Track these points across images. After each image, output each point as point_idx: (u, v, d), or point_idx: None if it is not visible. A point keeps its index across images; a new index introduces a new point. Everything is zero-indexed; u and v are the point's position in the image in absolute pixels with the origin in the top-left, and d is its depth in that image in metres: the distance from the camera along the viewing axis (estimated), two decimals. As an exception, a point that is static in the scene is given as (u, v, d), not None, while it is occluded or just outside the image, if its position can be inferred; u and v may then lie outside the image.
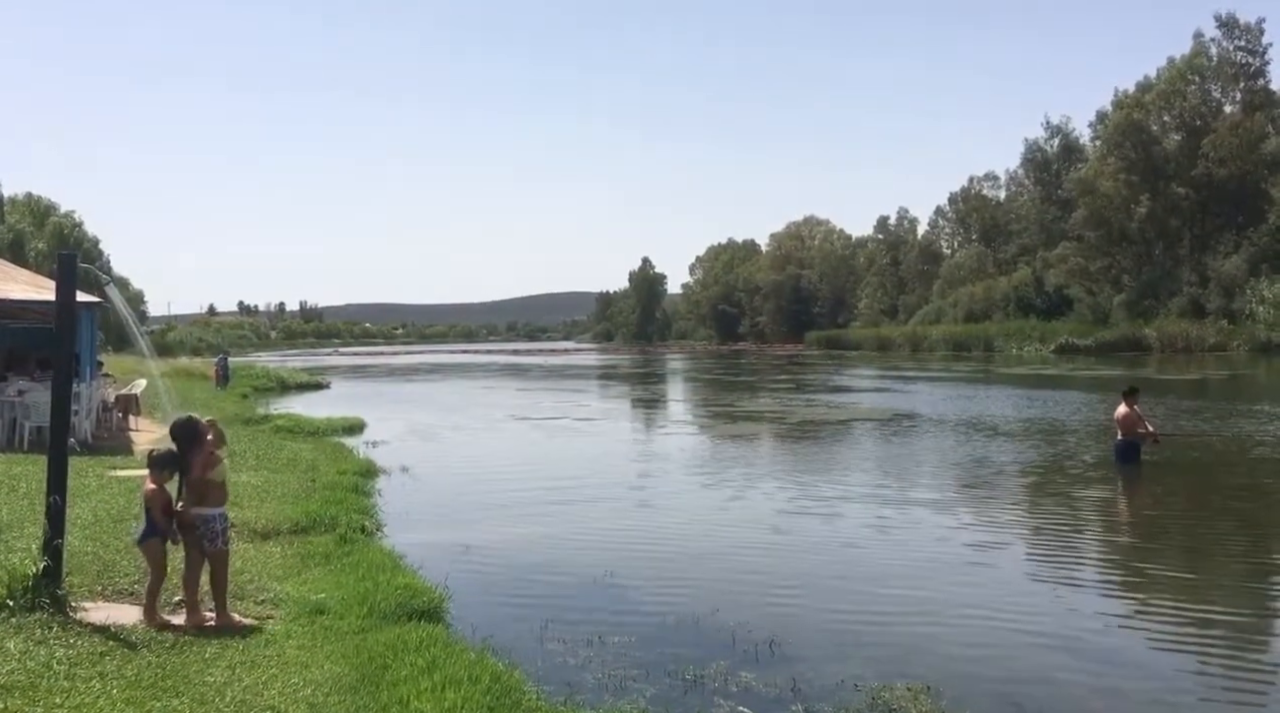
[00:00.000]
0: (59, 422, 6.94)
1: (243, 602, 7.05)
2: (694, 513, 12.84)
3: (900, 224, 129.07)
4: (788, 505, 13.25)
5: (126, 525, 9.00)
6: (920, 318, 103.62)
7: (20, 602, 6.17)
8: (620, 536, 11.34)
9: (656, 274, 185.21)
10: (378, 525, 11.00)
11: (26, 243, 60.45)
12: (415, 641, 6.26)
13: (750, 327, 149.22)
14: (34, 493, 10.23)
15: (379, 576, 7.96)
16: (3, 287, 17.26)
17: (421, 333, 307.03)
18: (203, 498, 6.54)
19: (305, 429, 21.18)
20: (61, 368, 7.25)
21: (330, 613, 6.91)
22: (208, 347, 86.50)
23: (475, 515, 12.53)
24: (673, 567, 9.94)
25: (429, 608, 7.33)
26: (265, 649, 6.00)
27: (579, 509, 13.07)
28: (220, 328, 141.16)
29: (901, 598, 8.69)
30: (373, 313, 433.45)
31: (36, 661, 5.39)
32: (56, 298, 7.10)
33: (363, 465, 15.54)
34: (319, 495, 11.99)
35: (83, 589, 6.92)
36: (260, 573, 8.03)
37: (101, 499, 10.59)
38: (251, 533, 9.53)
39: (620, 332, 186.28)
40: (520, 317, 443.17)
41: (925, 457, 18.49)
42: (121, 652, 5.71)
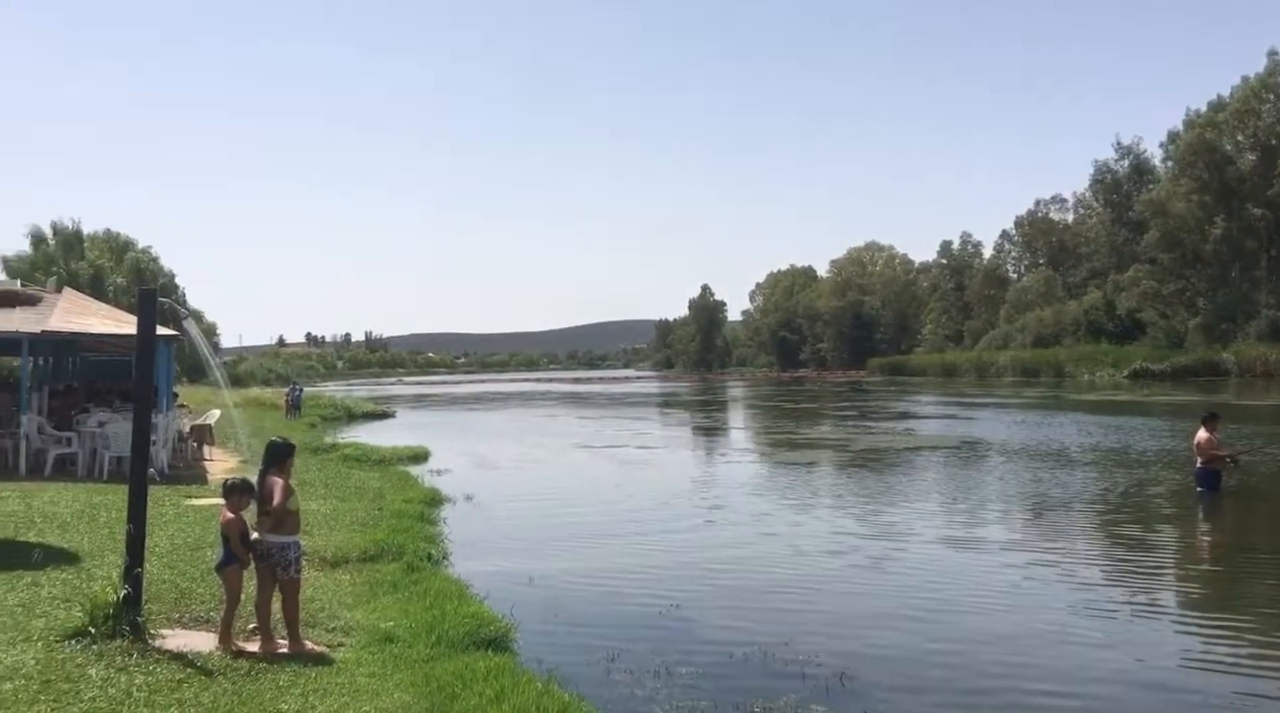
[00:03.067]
0: (139, 452, 7.12)
1: (314, 629, 7.14)
2: (758, 543, 12.71)
3: (964, 248, 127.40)
4: (853, 535, 13.06)
5: (202, 554, 9.20)
6: (987, 343, 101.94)
7: (102, 629, 6.32)
8: (685, 566, 11.26)
9: (716, 301, 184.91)
10: (444, 554, 11.09)
11: (106, 278, 62.38)
12: (483, 670, 6.27)
13: (811, 353, 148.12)
14: (114, 522, 10.51)
15: (446, 604, 8.00)
16: (84, 321, 17.82)
17: (483, 362, 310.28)
18: (278, 526, 6.65)
19: (372, 458, 21.48)
20: (142, 400, 7.45)
21: (399, 641, 6.96)
22: (277, 377, 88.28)
23: (539, 544, 12.55)
24: (739, 598, 9.84)
25: (496, 637, 7.35)
26: (337, 677, 6.06)
27: (643, 539, 13.02)
28: (289, 358, 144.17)
29: (974, 630, 8.50)
30: (435, 342, 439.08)
31: (118, 688, 5.51)
32: (137, 332, 7.31)
33: (428, 494, 15.68)
34: (386, 524, 12.11)
35: (161, 617, 7.06)
36: (331, 600, 8.12)
37: (178, 528, 10.82)
38: (322, 561, 9.66)
39: (680, 359, 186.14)
40: (580, 345, 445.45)
41: (995, 485, 18.11)
42: (199, 679, 5.81)
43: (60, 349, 25.73)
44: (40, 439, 16.27)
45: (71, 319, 17.46)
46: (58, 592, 7.54)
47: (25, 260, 62.09)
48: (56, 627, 6.51)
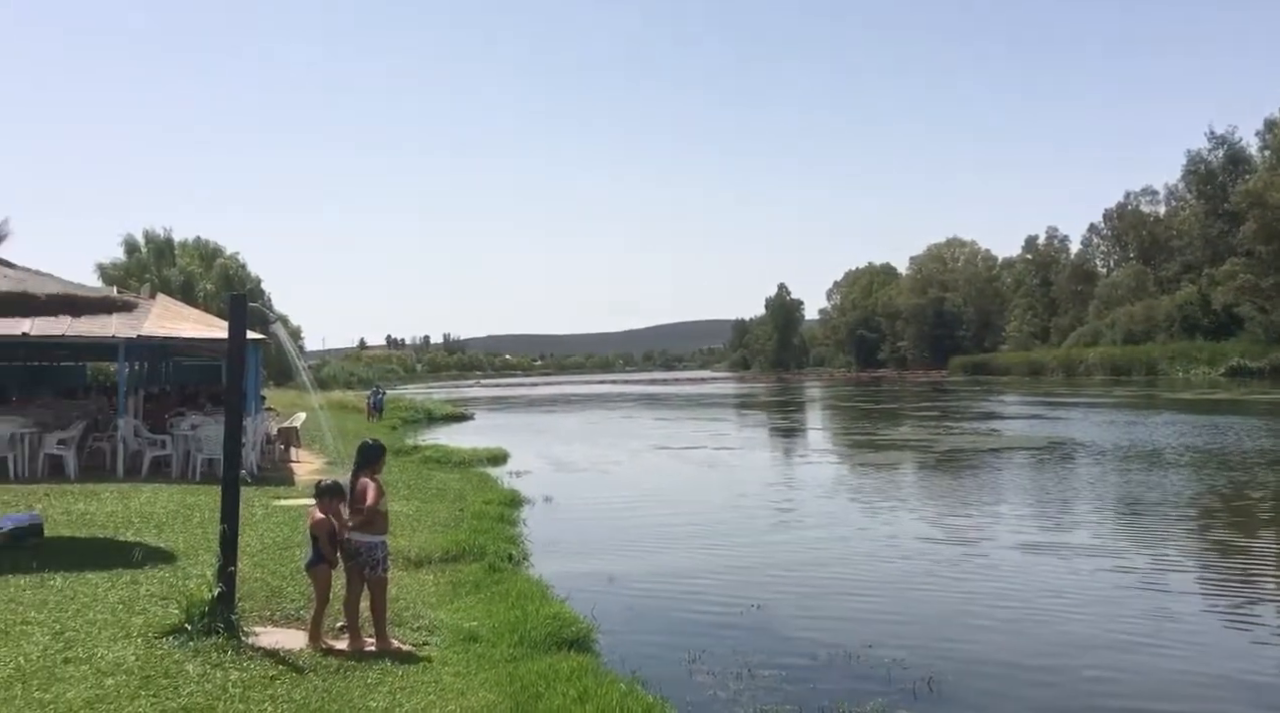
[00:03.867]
0: (231, 454, 7.31)
1: (400, 628, 7.24)
2: (840, 544, 12.54)
3: (1050, 243, 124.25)
4: (937, 537, 12.82)
5: (291, 553, 9.41)
6: (1075, 341, 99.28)
7: (198, 626, 6.49)
8: (765, 567, 11.17)
9: (793, 301, 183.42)
10: (524, 554, 11.17)
11: (196, 284, 64.38)
12: (566, 670, 6.29)
13: (891, 353, 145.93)
14: (207, 521, 10.82)
15: (528, 604, 8.05)
16: (176, 326, 18.41)
17: (560, 363, 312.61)
18: (367, 525, 6.75)
19: (452, 459, 21.77)
20: (233, 403, 7.64)
21: (483, 641, 7.02)
22: (359, 380, 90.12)
23: (619, 545, 12.57)
24: (822, 599, 9.72)
25: (578, 638, 7.37)
26: (423, 675, 6.14)
27: (722, 540, 12.95)
28: (370, 361, 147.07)
29: (1064, 637, 8.26)
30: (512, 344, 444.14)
31: (214, 683, 5.66)
32: (229, 336, 7.49)
33: (507, 495, 15.82)
34: (467, 524, 12.25)
35: (253, 614, 7.23)
36: (415, 600, 8.24)
37: (267, 527, 11.08)
38: (405, 561, 9.80)
39: (757, 359, 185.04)
40: (656, 345, 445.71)
41: (1085, 486, 17.60)
42: (290, 676, 5.93)
43: (154, 354, 26.65)
44: (136, 441, 16.82)
45: (165, 325, 18.05)
46: (156, 589, 7.78)
47: (120, 268, 64.42)
48: (155, 624, 6.72)
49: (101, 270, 64.15)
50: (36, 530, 9.87)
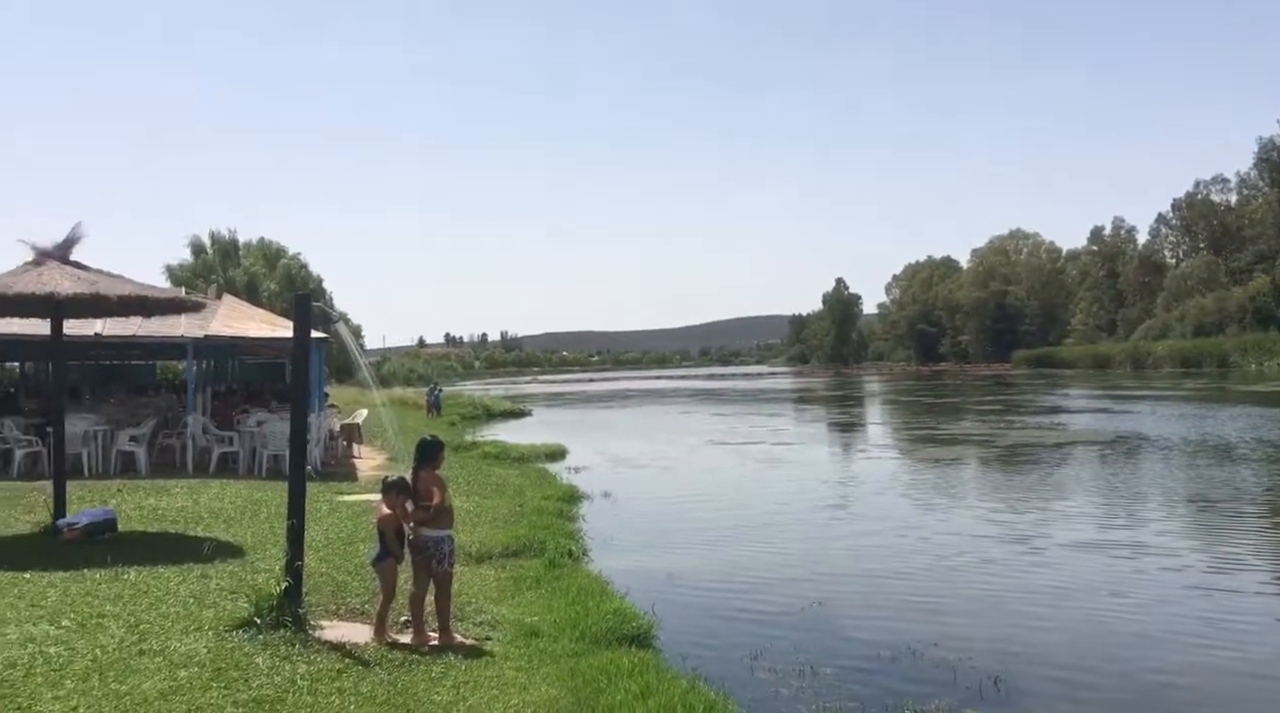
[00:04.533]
0: (297, 450, 7.43)
1: (463, 623, 7.30)
2: (901, 541, 12.39)
3: (1117, 234, 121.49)
4: (1001, 534, 12.60)
5: (355, 548, 9.55)
6: (1143, 333, 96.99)
7: (266, 620, 6.61)
8: (826, 563, 11.08)
9: (851, 295, 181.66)
10: (583, 550, 11.21)
11: (260, 284, 65.57)
12: (628, 666, 6.29)
13: (952, 347, 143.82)
14: (274, 517, 11.03)
15: (588, 600, 8.07)
16: (242, 326, 18.81)
17: (616, 359, 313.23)
18: (433, 520, 6.83)
19: (510, 455, 21.95)
20: (299, 400, 7.77)
21: (544, 636, 7.05)
22: (418, 377, 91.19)
23: (678, 541, 12.56)
24: (883, 596, 9.61)
25: (639, 633, 7.37)
26: (486, 670, 6.18)
27: (782, 535, 12.87)
28: (429, 359, 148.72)
29: (1132, 636, 8.07)
30: (569, 341, 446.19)
31: (283, 676, 5.76)
32: (294, 335, 7.61)
33: (566, 491, 15.89)
34: (527, 520, 12.32)
35: (319, 608, 7.35)
36: (477, 595, 8.31)
37: (332, 523, 11.26)
38: (466, 556, 9.87)
39: (815, 355, 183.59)
40: (713, 341, 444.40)
41: (1154, 482, 17.18)
42: (357, 669, 6.01)
43: (221, 353, 27.24)
44: (205, 438, 17.21)
45: (231, 324, 18.45)
46: (225, 584, 7.94)
47: (187, 269, 65.92)
48: (225, 617, 6.86)
49: (169, 271, 65.66)
50: (111, 526, 10.15)
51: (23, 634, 6.33)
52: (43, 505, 10.88)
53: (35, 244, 10.18)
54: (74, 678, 5.54)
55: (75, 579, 7.98)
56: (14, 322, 13.49)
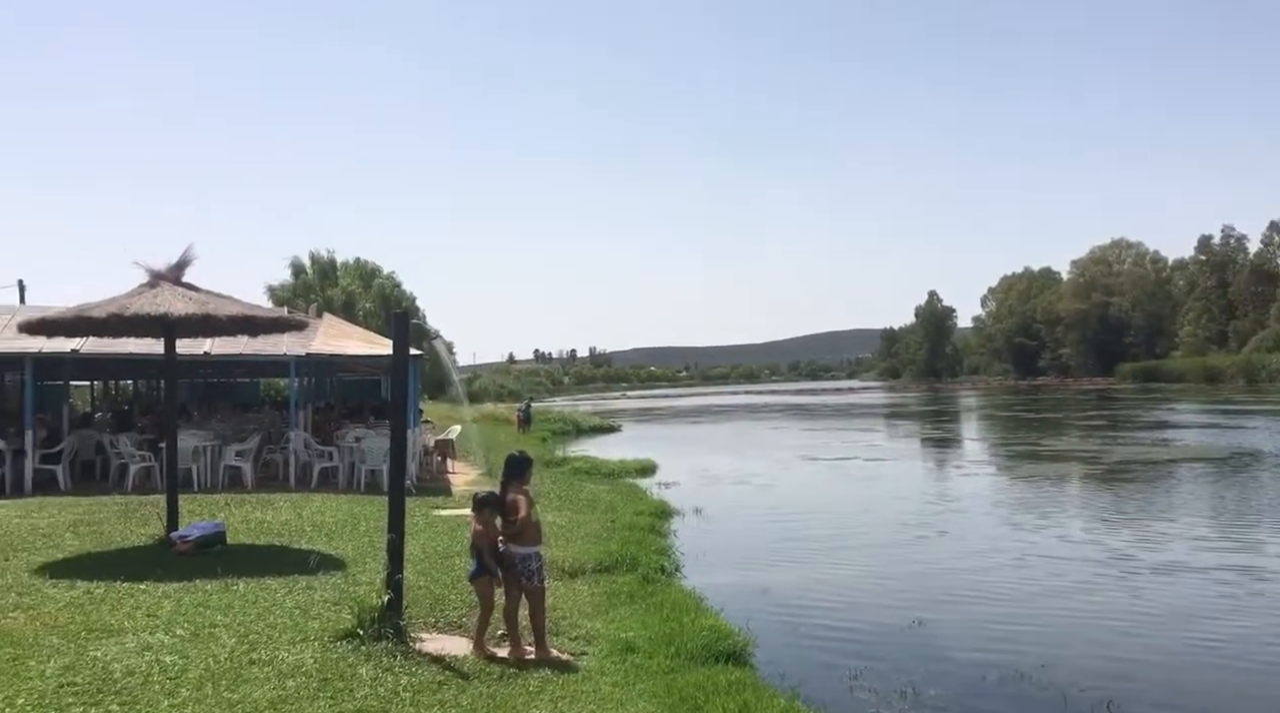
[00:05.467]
0: (397, 466, 7.57)
1: (558, 637, 7.33)
2: (1002, 559, 12.04)
3: (1226, 242, 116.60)
4: (1109, 554, 12.16)
5: (452, 562, 9.68)
6: (1255, 345, 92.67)
7: (369, 631, 6.74)
8: (925, 582, 10.83)
9: (945, 308, 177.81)
10: (676, 566, 11.17)
11: (356, 303, 67.27)
12: (725, 683, 6.23)
13: (1051, 360, 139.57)
14: (373, 530, 11.26)
15: (683, 617, 8.03)
16: (341, 343, 19.29)
17: (704, 375, 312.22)
18: (520, 536, 6.88)
19: (601, 471, 22.03)
20: (398, 416, 7.93)
21: (640, 652, 7.03)
22: (509, 393, 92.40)
23: (771, 558, 12.43)
24: (986, 616, 9.35)
25: (735, 651, 7.30)
26: (582, 685, 6.19)
27: (878, 553, 12.64)
28: (519, 375, 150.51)
29: (1252, 664, 7.67)
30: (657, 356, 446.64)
31: (386, 687, 5.86)
32: (393, 351, 7.77)
33: (657, 506, 15.87)
34: (619, 536, 12.34)
35: (418, 621, 7.46)
36: (572, 610, 8.33)
37: (428, 537, 11.43)
38: (560, 571, 9.93)
39: (907, 369, 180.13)
40: (801, 356, 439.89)
41: (1271, 503, 16.37)
42: (456, 682, 6.09)
43: (320, 370, 27.99)
44: (306, 454, 17.68)
45: (331, 342, 18.95)
46: (329, 595, 8.13)
47: (287, 289, 68.05)
48: (329, 628, 7.01)
49: (271, 291, 67.89)
50: (221, 538, 10.49)
51: (140, 643, 6.57)
52: (157, 519, 11.31)
53: (150, 266, 10.61)
54: (189, 686, 5.72)
55: (188, 590, 8.26)
56: (129, 341, 14.12)
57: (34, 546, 10.43)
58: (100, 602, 7.80)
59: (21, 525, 11.77)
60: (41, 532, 11.33)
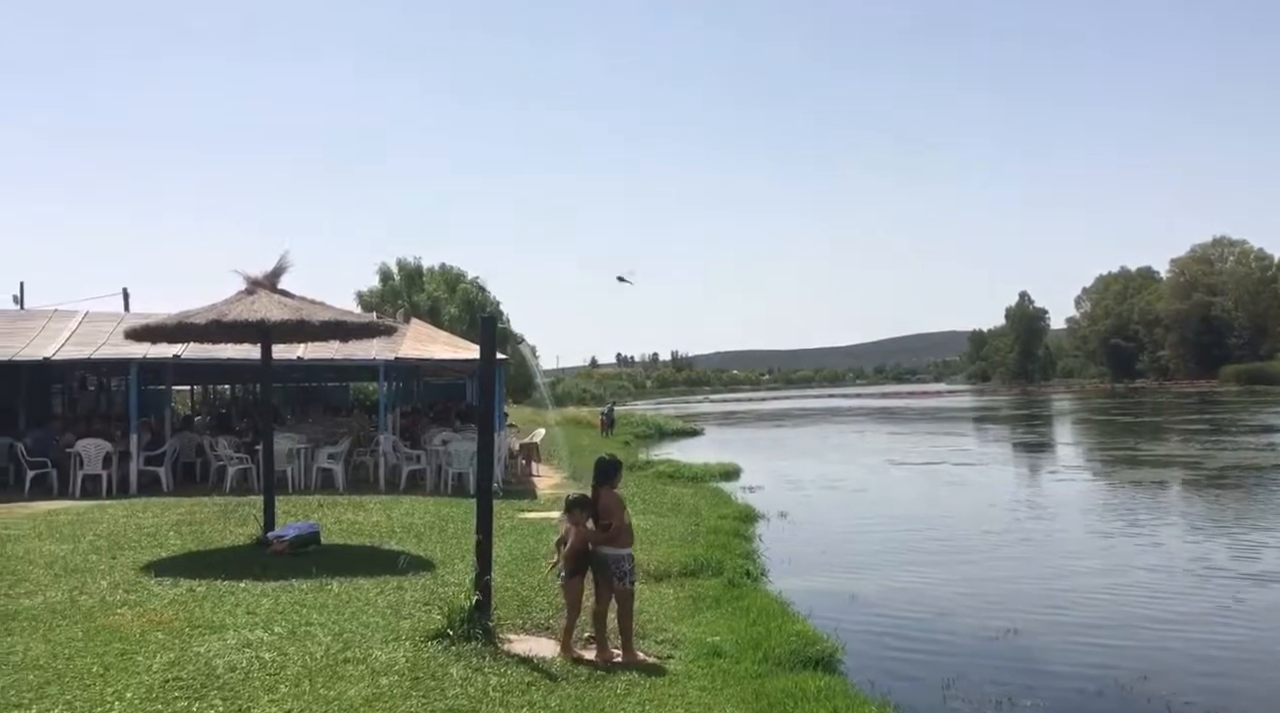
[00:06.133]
0: (485, 468, 7.65)
1: (644, 640, 7.33)
2: (1099, 567, 11.67)
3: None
4: (1212, 563, 11.69)
5: (537, 564, 9.75)
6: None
7: (458, 632, 6.83)
8: (1019, 589, 10.56)
9: (1036, 309, 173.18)
10: (761, 571, 11.08)
11: (442, 308, 68.37)
12: (814, 690, 6.15)
13: (1150, 362, 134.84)
14: (460, 533, 11.41)
15: (770, 622, 7.96)
16: (428, 348, 19.63)
17: (787, 378, 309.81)
18: (613, 538, 6.90)
19: (685, 474, 21.99)
20: (486, 419, 8.01)
21: (727, 656, 6.99)
22: (591, 396, 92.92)
23: (859, 563, 12.25)
24: (1083, 626, 9.06)
25: (823, 657, 7.21)
26: (670, 688, 6.17)
27: (969, 559, 12.37)
28: (601, 379, 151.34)
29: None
30: (739, 360, 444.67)
31: (476, 687, 5.93)
32: (480, 355, 7.87)
33: (742, 510, 15.78)
34: (703, 539, 12.29)
35: (506, 622, 7.53)
36: (657, 613, 8.32)
37: (514, 539, 11.54)
38: (645, 574, 9.91)
39: (997, 372, 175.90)
40: (886, 359, 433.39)
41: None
42: (545, 683, 6.13)
43: (408, 374, 28.51)
44: (395, 456, 18.03)
45: (418, 347, 19.30)
46: (419, 596, 8.26)
47: (375, 295, 69.54)
48: (420, 628, 7.12)
49: (359, 297, 69.42)
50: (315, 539, 10.76)
51: (241, 640, 6.77)
52: (254, 519, 11.65)
53: (247, 274, 10.93)
54: (287, 683, 5.87)
55: (285, 589, 8.48)
56: (226, 346, 14.59)
57: (140, 544, 10.83)
58: (202, 599, 8.07)
59: (128, 525, 12.24)
60: (146, 531, 11.77)
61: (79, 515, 13.09)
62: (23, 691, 5.63)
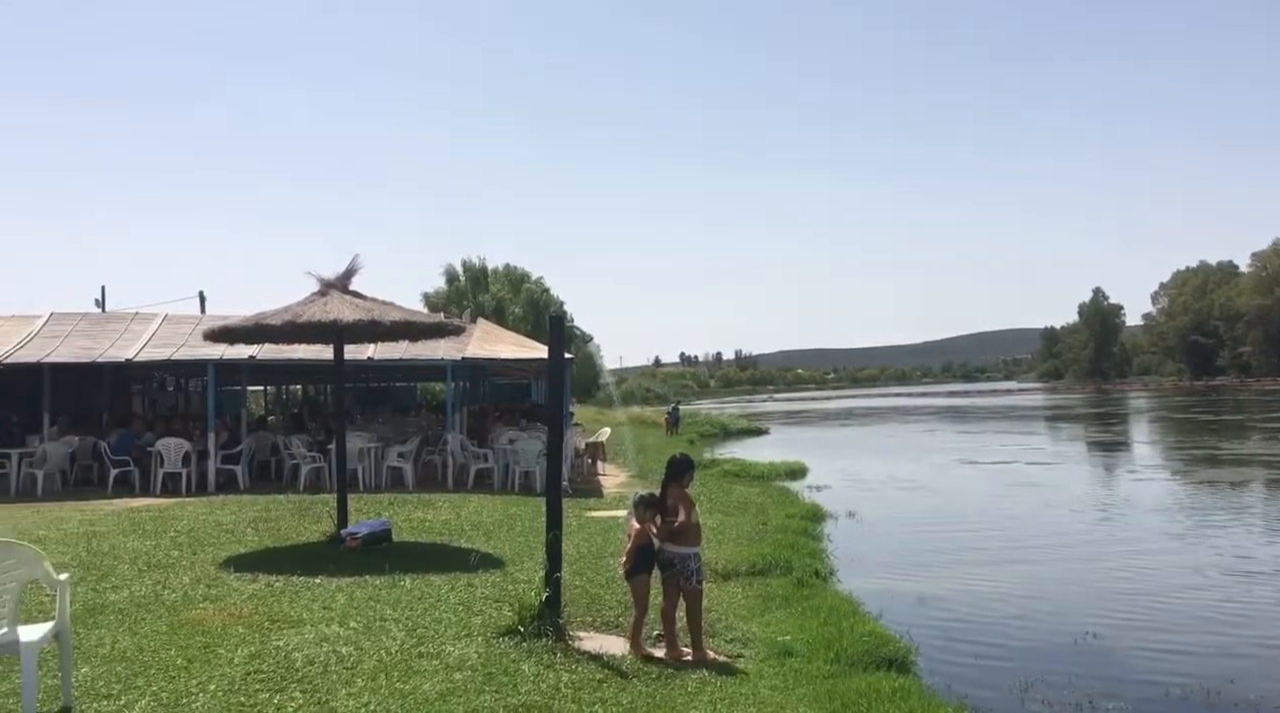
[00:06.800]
0: (554, 466, 7.69)
1: (714, 639, 7.30)
2: (1180, 568, 11.35)
3: None
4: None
5: (605, 562, 9.78)
6: None
7: (529, 628, 6.87)
8: (1095, 592, 10.31)
9: (1111, 305, 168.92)
10: (830, 570, 10.97)
11: (506, 308, 68.94)
12: (888, 691, 6.07)
13: (1231, 360, 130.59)
14: (528, 530, 11.50)
15: (841, 622, 7.88)
16: (494, 348, 19.81)
17: (853, 377, 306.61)
18: (679, 537, 6.88)
19: (750, 473, 21.89)
20: (555, 418, 8.06)
21: (798, 656, 6.93)
22: (655, 396, 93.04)
23: (929, 564, 12.07)
24: (1166, 629, 8.82)
25: (896, 658, 7.10)
26: (741, 687, 6.14)
27: (1043, 560, 12.11)
28: (665, 378, 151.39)
29: None
30: (804, 358, 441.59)
31: (548, 683, 5.96)
32: (549, 354, 7.91)
33: (809, 510, 15.65)
34: (771, 539, 12.22)
35: (575, 619, 7.56)
36: (726, 612, 8.29)
37: (582, 537, 11.59)
38: (713, 573, 9.88)
39: (1070, 370, 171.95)
40: (954, 357, 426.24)
41: None
42: (616, 680, 6.14)
43: (474, 374, 28.82)
44: (462, 455, 18.23)
45: (485, 347, 19.49)
46: (489, 593, 8.33)
47: (440, 296, 70.40)
48: (491, 624, 7.18)
49: (425, 298, 70.33)
50: (386, 536, 10.92)
51: (318, 634, 6.90)
52: (327, 516, 11.87)
53: (320, 276, 11.13)
54: (364, 677, 5.96)
55: (359, 585, 8.62)
56: (299, 347, 14.88)
57: (219, 541, 11.10)
58: (280, 594, 8.24)
59: (207, 521, 12.56)
60: (225, 528, 12.06)
61: (160, 513, 13.47)
62: (111, 682, 5.80)
